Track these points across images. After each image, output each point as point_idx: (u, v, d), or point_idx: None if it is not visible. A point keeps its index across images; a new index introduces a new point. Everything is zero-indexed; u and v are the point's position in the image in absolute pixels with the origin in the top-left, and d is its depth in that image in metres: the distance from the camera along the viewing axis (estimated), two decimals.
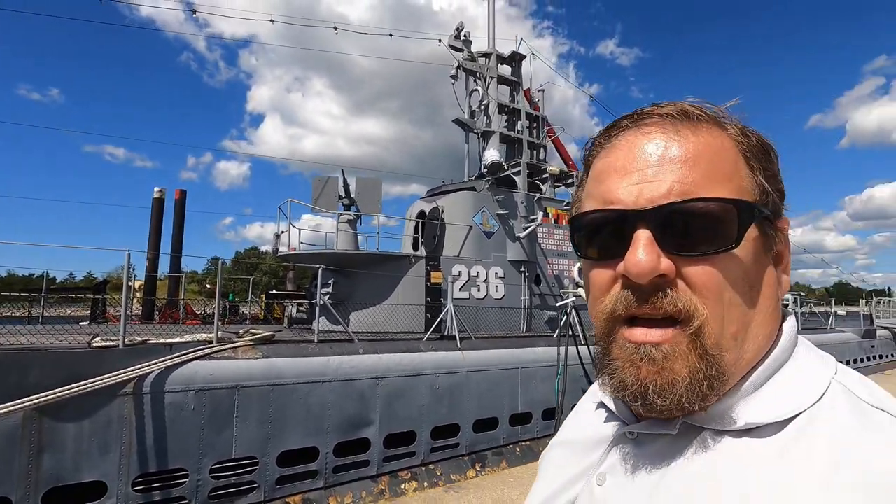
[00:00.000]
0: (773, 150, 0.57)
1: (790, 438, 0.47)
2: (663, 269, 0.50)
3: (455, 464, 7.73)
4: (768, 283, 0.54)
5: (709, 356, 0.49)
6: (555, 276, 11.94)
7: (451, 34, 12.28)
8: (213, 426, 5.93)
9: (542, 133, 13.68)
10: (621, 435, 0.59)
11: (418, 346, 8.09)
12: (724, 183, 0.52)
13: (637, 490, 0.53)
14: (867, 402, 0.47)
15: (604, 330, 0.55)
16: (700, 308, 0.49)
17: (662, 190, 0.51)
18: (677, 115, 0.55)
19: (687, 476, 0.50)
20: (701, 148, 0.52)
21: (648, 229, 0.50)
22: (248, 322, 11.55)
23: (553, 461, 0.70)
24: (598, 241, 0.55)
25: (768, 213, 0.54)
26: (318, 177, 10.43)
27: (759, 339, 0.53)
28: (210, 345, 6.25)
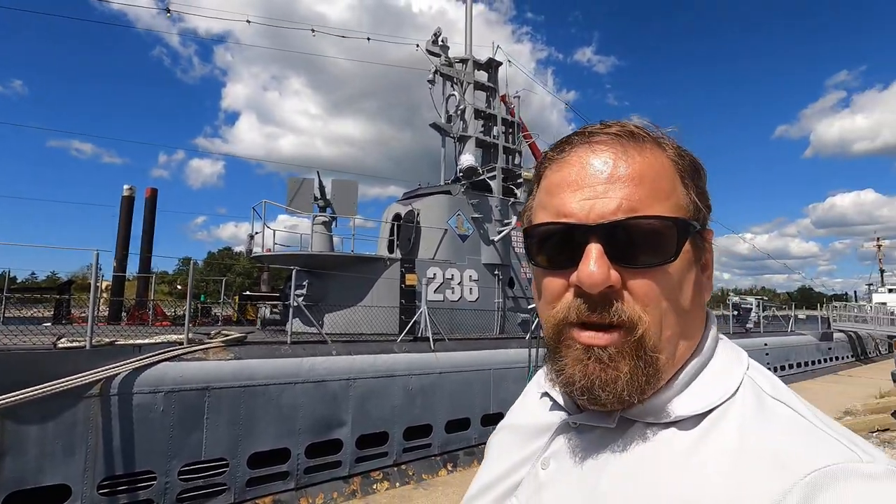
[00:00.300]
0: (702, 169, 0.62)
1: (708, 427, 0.53)
2: (612, 280, 0.54)
3: (427, 463, 7.83)
4: (697, 290, 0.59)
5: (647, 356, 0.54)
6: (528, 279, 12.16)
7: (429, 39, 12.42)
8: (183, 428, 5.89)
9: (517, 138, 13.93)
10: (565, 424, 0.64)
11: (392, 347, 8.17)
12: (664, 201, 0.56)
13: (578, 474, 0.58)
14: (770, 394, 0.55)
15: (554, 332, 0.59)
16: (643, 316, 0.54)
17: (612, 206, 0.54)
18: (624, 135, 0.58)
19: (623, 461, 0.56)
20: (646, 168, 0.56)
21: (599, 243, 0.54)
22: (221, 324, 11.41)
23: (500, 445, 0.74)
24: (550, 251, 0.59)
25: (699, 228, 0.58)
26: (293, 177, 10.43)
27: (689, 339, 0.59)
28: (180, 346, 6.21)
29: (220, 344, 6.56)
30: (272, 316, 11.32)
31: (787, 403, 0.53)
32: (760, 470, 0.46)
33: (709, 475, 0.48)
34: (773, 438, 0.48)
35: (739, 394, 0.55)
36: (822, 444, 0.47)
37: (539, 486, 0.62)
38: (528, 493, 0.63)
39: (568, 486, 0.59)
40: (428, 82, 12.28)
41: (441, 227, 10.84)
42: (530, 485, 0.64)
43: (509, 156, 13.67)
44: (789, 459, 0.46)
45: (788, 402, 0.53)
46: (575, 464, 0.59)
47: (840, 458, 0.45)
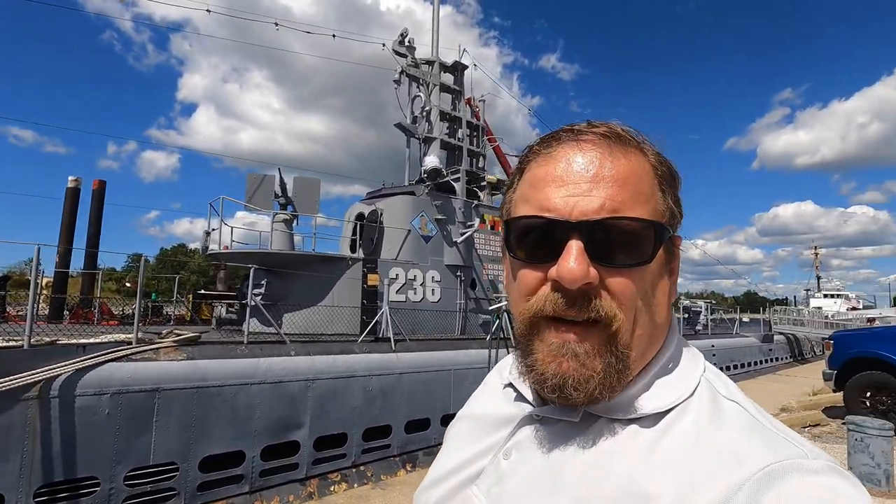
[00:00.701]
0: (678, 177, 0.64)
1: (667, 425, 0.55)
2: (591, 278, 0.54)
3: (386, 464, 7.80)
4: (665, 291, 0.61)
5: (619, 353, 0.55)
6: (489, 280, 12.33)
7: (396, 39, 12.39)
8: (130, 431, 5.64)
9: (481, 141, 14.10)
10: (528, 416, 0.64)
11: (353, 348, 8.10)
12: (644, 204, 0.57)
13: (541, 465, 0.59)
14: (724, 395, 0.57)
15: (527, 326, 0.59)
16: (618, 314, 0.55)
17: (595, 205, 0.55)
18: (612, 136, 0.59)
19: (586, 454, 0.57)
20: (629, 170, 0.57)
21: (580, 240, 0.54)
22: (173, 323, 10.97)
23: (460, 433, 0.74)
24: (530, 244, 0.59)
25: (673, 234, 0.60)
26: (253, 173, 10.16)
27: (657, 338, 0.61)
28: (129, 345, 5.95)
29: (171, 344, 6.33)
30: (228, 315, 10.97)
31: (739, 403, 0.56)
32: (715, 466, 0.48)
33: (667, 470, 0.50)
34: (727, 437, 0.51)
35: (697, 394, 0.57)
36: (771, 443, 0.50)
37: (501, 475, 0.62)
38: (490, 483, 0.64)
39: (530, 477, 0.59)
40: (394, 82, 12.25)
41: (404, 228, 10.83)
42: (492, 474, 0.64)
43: (473, 159, 13.82)
44: (742, 457, 0.48)
45: (740, 402, 0.56)
46: (538, 455, 0.60)
47: (787, 455, 0.48)
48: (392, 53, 12.32)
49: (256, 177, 10.03)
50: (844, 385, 7.93)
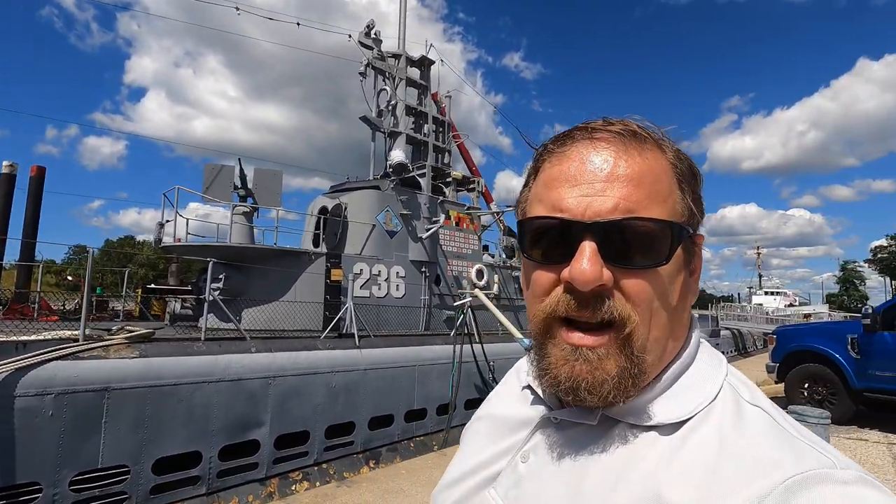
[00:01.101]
0: (699, 174, 0.62)
1: (689, 431, 0.53)
2: (605, 279, 0.53)
3: (349, 461, 7.72)
4: (684, 292, 0.59)
5: (635, 357, 0.54)
6: (454, 276, 12.37)
7: (362, 31, 12.18)
8: (76, 433, 5.32)
9: (447, 138, 14.09)
10: (546, 419, 0.63)
11: (315, 344, 7.95)
12: (661, 204, 0.55)
13: (559, 469, 0.58)
14: (748, 400, 0.55)
15: (541, 328, 0.59)
16: (633, 316, 0.54)
17: (609, 205, 0.54)
18: (627, 134, 0.57)
19: (605, 459, 0.56)
20: (645, 169, 0.55)
21: (594, 241, 0.53)
22: (122, 319, 10.39)
23: (476, 435, 0.74)
24: (543, 245, 0.58)
25: (692, 233, 0.59)
26: (210, 164, 9.74)
27: (676, 341, 0.59)
28: (75, 343, 5.60)
29: (122, 341, 6.00)
30: (184, 311, 10.51)
31: (764, 409, 0.54)
32: (739, 474, 0.47)
33: (689, 478, 0.49)
34: (751, 444, 0.49)
35: (720, 399, 0.56)
36: (798, 451, 0.48)
37: (518, 478, 0.62)
38: (507, 486, 0.63)
39: (548, 481, 0.59)
40: (359, 74, 12.04)
41: (369, 223, 10.70)
42: (509, 477, 0.63)
43: (439, 154, 13.80)
44: (768, 465, 0.46)
45: (765, 408, 0.55)
46: (555, 459, 0.59)
47: (816, 464, 0.46)
48: (358, 45, 12.10)
49: (214, 167, 9.63)
50: (785, 377, 8.47)
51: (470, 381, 9.89)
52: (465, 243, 12.94)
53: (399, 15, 13.42)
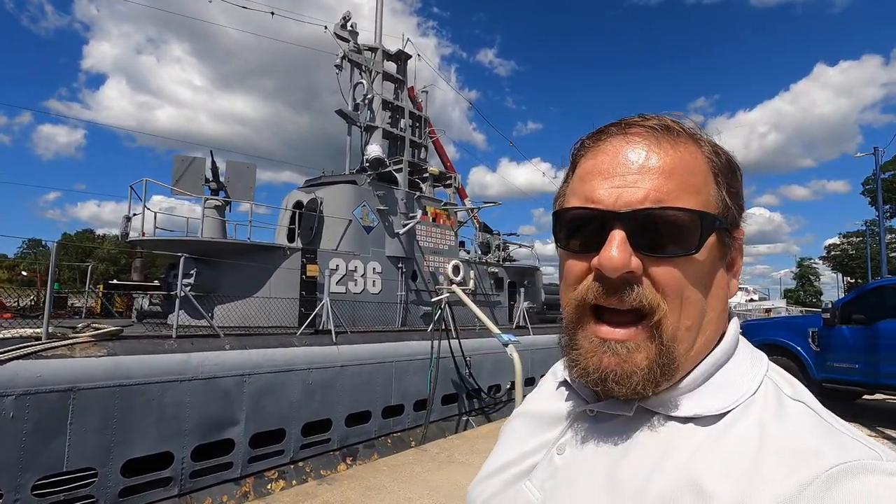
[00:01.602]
0: (738, 169, 0.62)
1: (728, 424, 0.53)
2: (633, 266, 0.54)
3: (325, 459, 7.64)
4: (720, 285, 0.59)
5: (664, 346, 0.54)
6: (430, 272, 12.37)
7: (338, 22, 11.98)
8: (39, 436, 5.09)
9: (424, 133, 14.04)
10: (582, 412, 0.64)
11: (291, 340, 7.82)
12: (694, 195, 0.56)
13: (593, 460, 0.58)
14: (790, 396, 0.55)
15: (573, 316, 0.60)
16: (662, 304, 0.54)
17: (639, 196, 0.55)
18: (660, 129, 0.58)
19: (640, 450, 0.55)
20: (677, 162, 0.57)
21: (623, 230, 0.55)
22: (84, 316, 9.95)
23: (515, 430, 0.74)
24: (576, 235, 0.59)
25: (727, 225, 0.59)
26: (180, 155, 9.43)
27: (709, 334, 0.58)
28: (38, 341, 5.34)
29: (89, 339, 5.76)
30: (152, 308, 10.14)
31: (806, 404, 0.54)
32: (781, 464, 0.46)
33: (729, 467, 0.48)
34: (794, 436, 0.49)
35: (760, 394, 0.55)
36: (841, 443, 0.47)
37: (554, 470, 0.62)
38: (543, 477, 0.63)
39: (583, 471, 0.59)
40: (335, 67, 11.85)
41: (345, 218, 10.57)
42: (545, 469, 0.64)
43: (416, 150, 13.73)
44: (811, 455, 0.46)
45: (808, 402, 0.54)
46: (591, 450, 0.60)
47: (861, 455, 0.45)
48: (334, 37, 11.90)
49: (184, 159, 9.32)
50: None
51: (447, 376, 9.93)
52: (442, 239, 12.95)
53: (375, 8, 13.27)
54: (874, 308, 7.18)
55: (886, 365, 6.79)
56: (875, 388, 7.14)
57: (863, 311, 7.19)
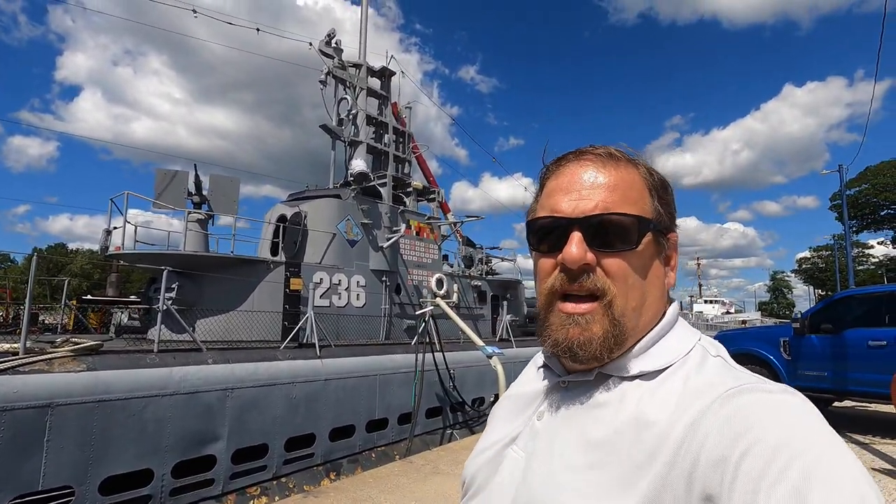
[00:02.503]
0: (669, 186, 0.79)
1: (666, 376, 0.67)
2: (588, 259, 0.69)
3: (309, 474, 7.57)
4: (657, 274, 0.75)
5: (615, 321, 0.69)
6: (414, 286, 12.42)
7: (323, 39, 12.15)
8: (15, 453, 4.97)
9: (407, 148, 14.21)
10: (556, 384, 0.78)
11: (275, 354, 7.77)
12: (632, 205, 0.71)
13: (566, 418, 0.72)
14: (711, 353, 0.69)
15: (545, 302, 0.74)
16: (612, 287, 0.69)
17: (591, 205, 0.70)
18: (605, 155, 0.74)
19: (600, 402, 0.70)
20: (619, 180, 0.72)
21: (580, 232, 0.70)
22: (60, 332, 9.68)
23: (502, 411, 0.87)
24: (545, 239, 0.74)
25: (659, 227, 0.74)
26: (162, 169, 9.38)
27: (650, 313, 0.73)
28: (15, 356, 5.24)
29: (68, 353, 5.67)
30: (130, 322, 9.95)
31: (723, 358, 0.70)
32: (695, 394, 0.62)
33: (663, 403, 0.64)
34: (706, 377, 0.65)
35: (691, 355, 0.70)
36: (738, 377, 0.63)
37: (535, 433, 0.75)
38: (526, 440, 0.76)
39: (558, 428, 0.72)
40: (320, 83, 11.98)
41: (329, 231, 10.60)
42: (527, 434, 0.77)
43: (399, 165, 13.88)
44: (713, 386, 0.62)
45: (724, 357, 0.70)
46: (564, 412, 0.73)
47: (748, 381, 0.61)
48: (319, 54, 12.05)
49: (167, 173, 9.27)
50: None
51: (431, 389, 9.94)
52: (426, 253, 13.04)
53: (360, 25, 13.50)
54: (841, 317, 7.49)
55: (854, 372, 7.08)
56: (844, 395, 7.42)
57: (830, 321, 7.49)
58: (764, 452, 0.51)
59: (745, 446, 0.53)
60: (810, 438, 0.53)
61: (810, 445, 0.52)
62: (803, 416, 0.55)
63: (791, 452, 0.51)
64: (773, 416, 0.55)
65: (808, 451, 0.51)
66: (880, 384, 6.59)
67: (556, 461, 0.69)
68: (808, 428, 0.54)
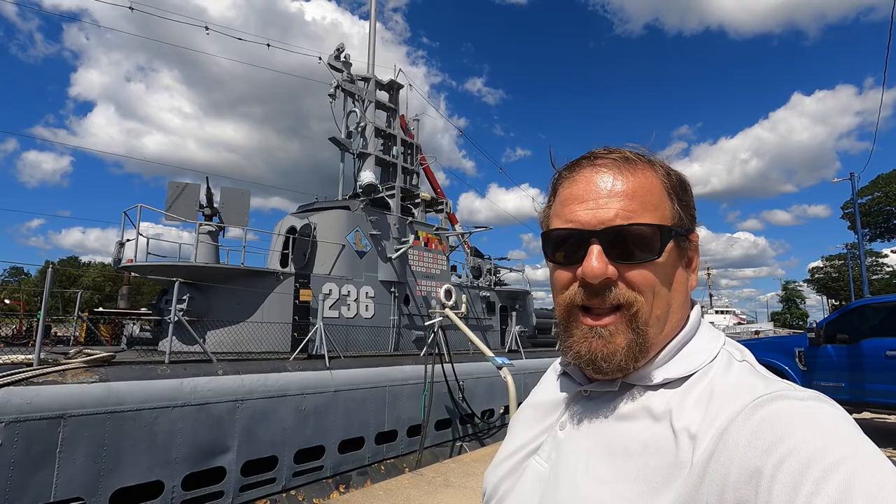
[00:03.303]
0: (688, 185, 0.75)
1: (691, 384, 0.66)
2: (609, 273, 0.67)
3: (318, 487, 7.51)
4: (681, 280, 0.72)
5: (639, 330, 0.67)
6: (423, 297, 12.41)
7: (332, 53, 12.33)
8: (28, 464, 4.99)
9: (415, 160, 14.30)
10: (577, 393, 0.76)
11: (285, 365, 7.77)
12: (652, 211, 0.68)
13: (589, 428, 0.71)
14: (737, 358, 0.67)
15: (563, 315, 0.73)
16: (637, 298, 0.67)
17: (610, 215, 0.68)
18: (621, 159, 0.71)
19: (624, 412, 0.68)
20: (637, 185, 0.69)
21: (599, 244, 0.67)
22: (72, 344, 9.78)
23: (522, 420, 0.85)
24: (561, 249, 0.72)
25: (682, 233, 0.71)
26: (174, 182, 9.51)
27: (674, 320, 0.71)
28: (29, 367, 5.29)
29: (81, 365, 5.71)
30: (142, 334, 10.03)
31: (749, 363, 0.68)
32: (723, 402, 0.60)
33: (694, 407, 0.62)
34: (733, 382, 0.63)
35: (717, 360, 0.68)
36: (767, 382, 0.61)
37: (558, 443, 0.74)
38: (549, 450, 0.75)
39: (582, 440, 0.71)
40: (329, 96, 12.13)
41: (339, 243, 10.65)
42: (550, 444, 0.75)
43: (408, 176, 13.96)
44: (743, 392, 0.60)
45: (751, 362, 0.68)
46: (587, 422, 0.72)
47: (780, 388, 0.60)
48: (328, 68, 12.22)
49: (178, 185, 9.40)
50: None
51: (440, 401, 9.88)
52: (434, 263, 13.05)
53: (368, 39, 13.69)
54: (857, 327, 7.36)
55: (871, 383, 6.93)
56: (862, 407, 7.26)
57: (846, 331, 7.36)
58: (798, 464, 0.50)
59: (779, 458, 0.52)
60: (846, 448, 0.51)
61: (846, 455, 0.50)
62: (837, 424, 0.54)
63: (827, 464, 0.49)
64: (806, 425, 0.53)
65: (845, 462, 0.49)
66: None
67: (581, 473, 0.67)
68: (842, 437, 0.52)
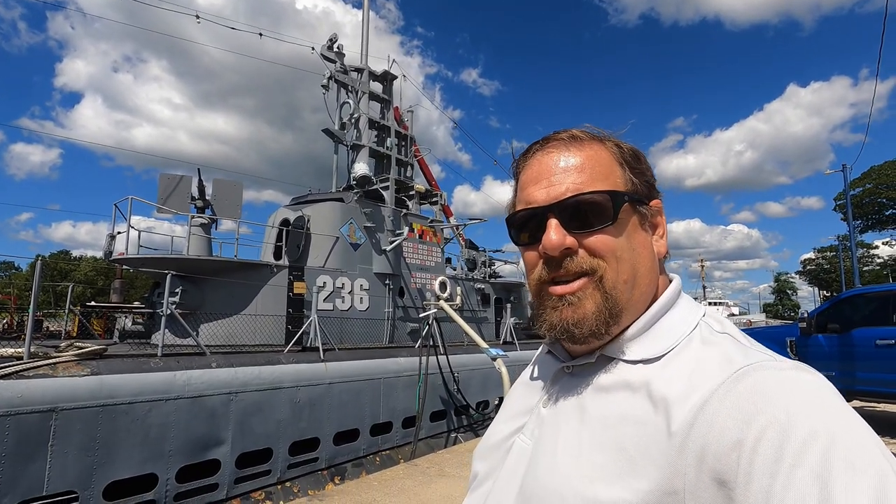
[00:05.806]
0: (641, 155, 0.77)
1: (670, 357, 0.66)
2: (568, 243, 0.69)
3: (313, 479, 7.53)
4: (645, 244, 0.73)
5: (608, 295, 0.68)
6: (417, 289, 12.40)
7: (325, 44, 12.19)
8: (19, 458, 4.96)
9: (409, 151, 14.23)
10: (560, 370, 0.78)
11: (279, 358, 7.75)
12: (603, 181, 0.71)
13: (570, 405, 0.71)
14: (717, 330, 0.68)
15: (535, 291, 0.75)
16: (600, 264, 0.69)
17: (561, 190, 0.70)
18: (569, 138, 0.74)
19: (603, 385, 0.69)
20: (585, 159, 0.72)
21: (555, 218, 0.70)
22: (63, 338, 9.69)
23: (512, 398, 0.88)
24: (525, 231, 0.75)
25: (636, 197, 0.72)
26: (166, 174, 9.41)
27: (643, 284, 0.71)
28: (20, 361, 5.24)
29: (72, 358, 5.67)
30: (134, 327, 9.96)
31: (730, 334, 0.67)
32: (709, 370, 0.60)
33: (668, 386, 0.62)
34: (715, 354, 0.63)
35: (695, 333, 0.69)
36: (748, 354, 0.61)
37: (541, 420, 0.75)
38: (532, 428, 0.76)
39: (563, 415, 0.71)
40: (322, 87, 12.00)
41: (332, 235, 10.60)
42: (534, 422, 0.77)
43: (402, 168, 13.89)
44: (724, 364, 0.60)
45: (732, 333, 0.68)
46: (567, 398, 0.73)
47: (759, 359, 0.59)
48: (321, 58, 12.09)
49: (171, 178, 9.30)
50: None
51: (435, 392, 9.90)
52: (429, 256, 13.02)
53: (361, 29, 13.55)
54: (848, 317, 7.43)
55: (862, 371, 7.01)
56: (852, 395, 7.35)
57: (837, 321, 7.43)
58: (779, 435, 0.50)
59: (760, 428, 0.51)
60: (827, 418, 0.51)
61: (827, 424, 0.50)
62: (819, 393, 0.54)
63: (807, 433, 0.49)
64: (787, 394, 0.53)
65: (826, 431, 0.49)
66: (889, 383, 6.53)
67: (561, 446, 0.68)
68: (823, 406, 0.52)
